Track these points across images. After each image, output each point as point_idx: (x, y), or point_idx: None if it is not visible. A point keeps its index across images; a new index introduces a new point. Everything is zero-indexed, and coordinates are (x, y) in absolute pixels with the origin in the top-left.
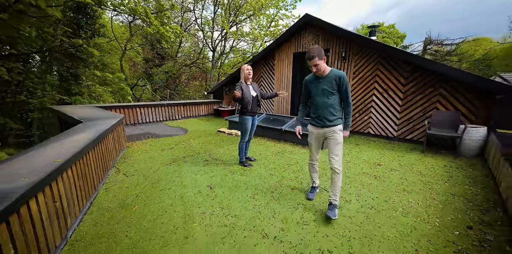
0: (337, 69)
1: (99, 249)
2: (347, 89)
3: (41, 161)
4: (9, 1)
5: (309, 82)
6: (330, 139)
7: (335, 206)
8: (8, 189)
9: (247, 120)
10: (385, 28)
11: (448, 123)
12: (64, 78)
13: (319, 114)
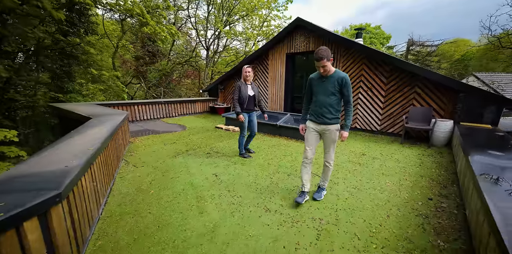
0: (341, 71)
1: (129, 222)
2: (349, 90)
3: (77, 149)
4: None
5: (314, 80)
6: (326, 136)
7: (322, 189)
8: (66, 168)
9: (244, 116)
10: (372, 29)
11: (422, 118)
12: (57, 76)
13: (319, 111)
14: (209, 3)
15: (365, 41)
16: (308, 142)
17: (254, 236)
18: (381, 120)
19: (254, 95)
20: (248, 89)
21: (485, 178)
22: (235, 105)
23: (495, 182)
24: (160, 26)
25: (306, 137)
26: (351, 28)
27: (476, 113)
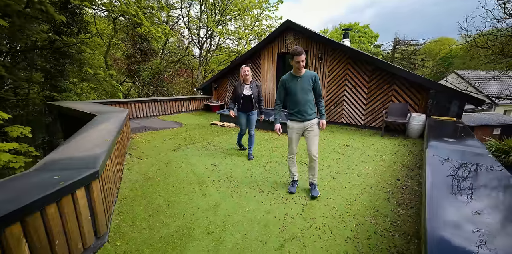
0: (309, 70)
1: (142, 202)
2: (319, 86)
3: (96, 140)
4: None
5: (288, 81)
6: (309, 131)
7: (316, 185)
8: (94, 155)
9: (239, 115)
10: (361, 28)
11: (400, 113)
12: (51, 75)
13: (299, 109)
14: (201, 2)
15: (354, 40)
16: (293, 141)
17: (250, 210)
18: (364, 115)
19: (251, 95)
20: (245, 89)
21: (433, 157)
22: (230, 105)
23: (440, 160)
24: (154, 26)
25: (291, 137)
26: (341, 27)
27: (444, 108)
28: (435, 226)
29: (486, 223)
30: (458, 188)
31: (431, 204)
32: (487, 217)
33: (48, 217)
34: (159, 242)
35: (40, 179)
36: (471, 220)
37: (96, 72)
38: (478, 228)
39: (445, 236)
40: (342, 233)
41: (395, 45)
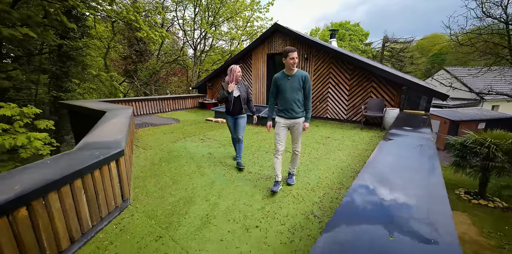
0: (302, 70)
1: (151, 181)
2: (310, 87)
3: (113, 130)
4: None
5: (280, 79)
6: (294, 129)
7: (293, 175)
8: (116, 139)
9: (226, 119)
10: (351, 26)
11: (377, 107)
12: (57, 76)
13: (287, 107)
14: (195, 5)
15: (345, 38)
16: (280, 137)
17: (239, 185)
18: (347, 110)
19: (240, 96)
20: (234, 90)
21: (386, 140)
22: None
23: (388, 142)
24: (152, 30)
25: (278, 133)
26: (332, 25)
27: (415, 102)
28: (358, 183)
29: (394, 183)
30: (390, 161)
31: (364, 171)
32: (399, 180)
33: (95, 178)
34: (168, 206)
35: (85, 154)
36: (385, 180)
37: (99, 73)
38: (386, 186)
39: (360, 189)
40: (311, 199)
41: (384, 43)
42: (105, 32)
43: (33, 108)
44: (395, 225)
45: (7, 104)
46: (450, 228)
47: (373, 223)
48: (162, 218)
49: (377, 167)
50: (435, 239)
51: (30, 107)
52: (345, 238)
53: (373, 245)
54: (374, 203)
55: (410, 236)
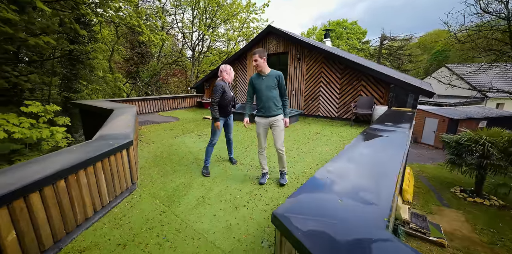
0: (275, 70)
1: (155, 169)
2: (284, 86)
3: (122, 125)
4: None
5: (255, 80)
6: (275, 127)
7: (285, 174)
8: (125, 132)
9: (220, 122)
10: (349, 24)
11: (367, 105)
12: (67, 78)
13: (264, 106)
14: (193, 8)
15: (342, 37)
16: (260, 136)
17: (231, 174)
18: (338, 108)
19: (232, 96)
20: (229, 89)
21: (364, 134)
22: (214, 109)
23: (366, 135)
24: (153, 34)
25: (259, 132)
26: (330, 24)
27: (403, 100)
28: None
29: (358, 167)
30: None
31: (335, 158)
32: (361, 165)
33: (111, 163)
34: (170, 189)
35: (102, 143)
36: (351, 164)
37: (105, 75)
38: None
39: (327, 171)
40: (295, 185)
41: (382, 41)
42: (109, 36)
43: (54, 106)
44: (346, 194)
45: (34, 102)
46: (388, 197)
47: (328, 193)
48: (165, 198)
49: (347, 154)
50: (375, 203)
51: (52, 105)
52: (304, 200)
53: (325, 204)
54: (334, 180)
55: (356, 200)
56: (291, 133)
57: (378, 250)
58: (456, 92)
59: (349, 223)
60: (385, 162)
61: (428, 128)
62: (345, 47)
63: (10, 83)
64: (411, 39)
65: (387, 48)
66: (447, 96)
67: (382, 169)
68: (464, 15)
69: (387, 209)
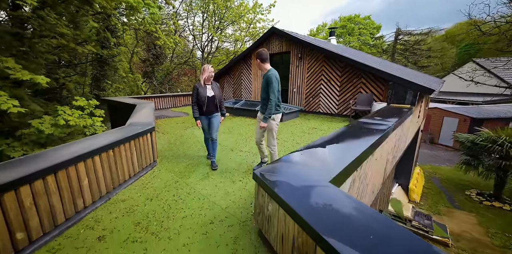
0: (272, 70)
1: (170, 153)
2: (268, 86)
3: (145, 116)
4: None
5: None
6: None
7: (263, 163)
8: (148, 121)
9: (200, 119)
10: (362, 19)
11: (366, 102)
12: (97, 78)
13: (260, 103)
14: (204, 11)
15: (354, 32)
16: (257, 130)
17: (232, 158)
18: (338, 105)
19: (214, 95)
20: (207, 90)
21: (349, 126)
22: (193, 110)
23: (353, 127)
24: (168, 38)
25: (257, 126)
26: (340, 20)
27: (401, 97)
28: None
29: (329, 148)
30: (337, 137)
31: (313, 142)
32: (330, 147)
33: (140, 142)
34: (182, 167)
35: (133, 127)
36: (325, 145)
37: (127, 75)
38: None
39: (303, 151)
40: None
41: (397, 36)
42: (129, 39)
43: (94, 101)
44: (310, 164)
45: (80, 98)
46: (341, 167)
47: (294, 163)
48: (178, 173)
49: (321, 140)
50: (325, 169)
51: (93, 100)
52: (276, 165)
53: (289, 168)
54: (302, 156)
55: (316, 165)
56: (289, 127)
57: (317, 190)
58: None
59: (302, 177)
60: (349, 148)
61: (447, 128)
62: (356, 43)
63: (59, 83)
64: (430, 33)
65: (403, 43)
66: (473, 94)
67: (343, 152)
68: (489, 6)
69: (331, 173)
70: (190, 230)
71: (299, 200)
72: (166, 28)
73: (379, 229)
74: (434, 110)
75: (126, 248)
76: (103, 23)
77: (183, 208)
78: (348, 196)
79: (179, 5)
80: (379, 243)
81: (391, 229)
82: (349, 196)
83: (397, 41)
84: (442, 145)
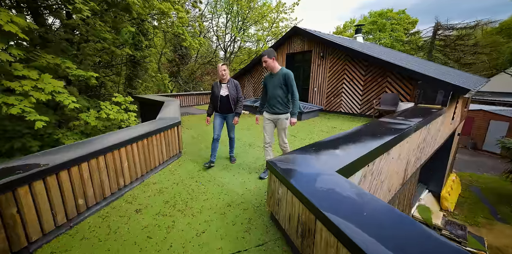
0: (286, 69)
1: (193, 146)
2: (292, 84)
3: (172, 112)
4: (130, 40)
5: (266, 79)
6: (278, 124)
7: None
8: (176, 116)
9: (214, 116)
10: (395, 14)
11: (391, 102)
12: (130, 78)
13: (270, 103)
14: (227, 12)
15: (385, 28)
16: (265, 130)
17: (250, 153)
18: (360, 105)
19: (228, 95)
20: (222, 89)
21: (367, 125)
22: (208, 107)
23: (370, 125)
24: (194, 39)
25: (264, 126)
26: (371, 15)
27: (431, 97)
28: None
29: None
30: (349, 135)
31: (327, 138)
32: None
33: (168, 134)
34: (204, 158)
35: (162, 121)
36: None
37: (156, 75)
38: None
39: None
40: None
41: (436, 31)
42: (158, 41)
43: (129, 98)
44: (320, 156)
45: (118, 94)
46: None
47: (306, 154)
48: (200, 163)
49: (336, 137)
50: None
51: (128, 97)
52: (289, 156)
53: (301, 159)
54: (315, 149)
55: (326, 157)
56: (308, 126)
57: (322, 177)
58: None
59: (311, 166)
60: (362, 144)
61: (494, 133)
62: (388, 40)
63: (99, 82)
64: (478, 26)
65: (442, 39)
66: None
67: (354, 147)
68: None
69: (339, 164)
70: (210, 210)
71: (306, 185)
72: (192, 30)
73: (373, 209)
74: (477, 113)
75: (157, 220)
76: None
77: (205, 192)
78: (350, 182)
79: (204, 7)
80: (370, 219)
81: (386, 209)
82: (351, 183)
83: (435, 36)
84: (487, 151)
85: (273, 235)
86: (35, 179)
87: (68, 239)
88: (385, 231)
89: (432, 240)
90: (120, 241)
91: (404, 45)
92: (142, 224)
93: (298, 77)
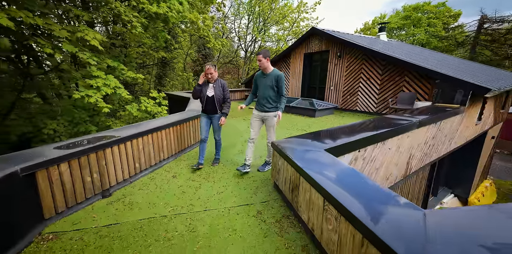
0: (278, 70)
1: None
2: (282, 86)
3: (196, 106)
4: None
5: (257, 78)
6: (266, 121)
7: (267, 164)
8: (198, 109)
9: (201, 117)
10: (432, 8)
11: (408, 101)
12: (160, 76)
13: (260, 102)
14: (249, 14)
15: (420, 23)
16: (252, 126)
17: (259, 145)
18: (377, 103)
19: (214, 96)
20: (208, 89)
21: (371, 120)
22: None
23: (371, 121)
24: (217, 41)
25: (251, 122)
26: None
27: (449, 96)
28: (318, 130)
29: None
30: (349, 126)
31: (329, 127)
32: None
33: (194, 123)
34: (223, 145)
35: (188, 113)
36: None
37: (183, 74)
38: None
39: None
40: None
41: (481, 24)
42: (184, 42)
43: (162, 94)
44: (316, 139)
45: (154, 90)
46: (338, 143)
47: (306, 138)
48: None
49: (338, 127)
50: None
51: (162, 93)
52: (291, 139)
53: (300, 140)
54: (314, 136)
55: (320, 140)
56: (320, 123)
57: (311, 153)
58: None
59: (305, 145)
60: (356, 133)
61: None
62: (423, 36)
63: (134, 80)
64: None
65: (489, 33)
66: None
67: (347, 135)
68: None
69: (328, 145)
70: (227, 179)
71: (297, 155)
72: (215, 31)
73: (340, 170)
74: None
75: (188, 183)
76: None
77: (222, 168)
78: (331, 156)
79: (228, 10)
80: (336, 174)
81: (349, 170)
82: (331, 156)
83: (480, 30)
84: None
85: (274, 197)
86: (113, 144)
87: (131, 189)
88: (342, 180)
89: (370, 185)
90: (164, 192)
91: (442, 42)
92: (178, 185)
93: (315, 76)
